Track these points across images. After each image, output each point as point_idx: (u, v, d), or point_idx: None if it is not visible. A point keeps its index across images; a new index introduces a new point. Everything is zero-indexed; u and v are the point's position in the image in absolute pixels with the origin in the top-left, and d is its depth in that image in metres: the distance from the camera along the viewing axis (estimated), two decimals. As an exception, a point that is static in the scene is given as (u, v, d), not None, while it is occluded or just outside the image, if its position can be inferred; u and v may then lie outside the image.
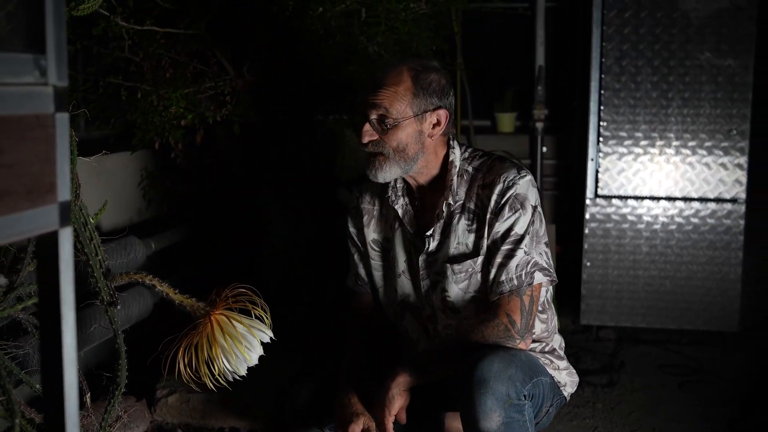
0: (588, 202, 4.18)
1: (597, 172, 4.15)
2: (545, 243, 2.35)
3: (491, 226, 2.31)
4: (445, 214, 2.37)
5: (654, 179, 4.11)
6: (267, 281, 3.29)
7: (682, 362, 3.93)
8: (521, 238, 2.28)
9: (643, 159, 4.11)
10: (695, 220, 4.10)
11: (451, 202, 2.36)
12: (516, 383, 2.09)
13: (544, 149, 4.93)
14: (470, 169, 2.39)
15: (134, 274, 2.11)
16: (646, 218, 4.14)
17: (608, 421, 3.21)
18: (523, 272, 2.27)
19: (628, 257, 4.18)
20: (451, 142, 2.42)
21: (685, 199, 4.10)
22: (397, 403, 2.22)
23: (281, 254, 3.33)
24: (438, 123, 2.35)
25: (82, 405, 2.08)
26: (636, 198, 4.14)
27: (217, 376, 2.05)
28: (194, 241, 3.49)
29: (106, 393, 2.72)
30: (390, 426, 2.23)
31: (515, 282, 2.26)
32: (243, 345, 2.05)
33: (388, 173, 2.34)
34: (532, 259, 2.28)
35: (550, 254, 2.37)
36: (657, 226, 4.14)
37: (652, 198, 4.12)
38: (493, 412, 2.04)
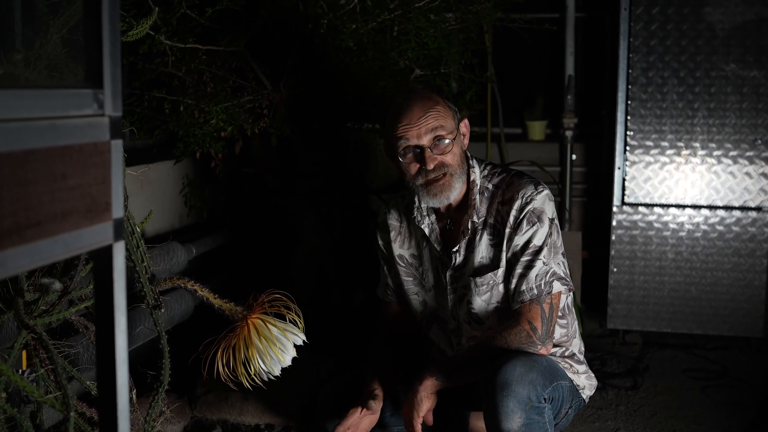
0: (615, 209, 4.28)
1: (624, 180, 4.25)
2: (562, 253, 2.47)
3: (510, 240, 2.43)
4: (470, 230, 2.50)
5: (680, 187, 4.20)
6: (298, 286, 3.44)
7: (707, 366, 4.02)
8: (540, 249, 2.41)
9: (669, 168, 4.20)
10: (720, 228, 4.18)
11: (476, 220, 2.48)
12: (537, 387, 2.21)
13: (574, 157, 5.03)
14: (490, 186, 2.51)
15: (177, 279, 2.25)
16: (671, 225, 4.23)
17: (630, 423, 3.31)
18: (543, 282, 2.39)
19: (654, 263, 4.28)
20: (470, 161, 2.54)
21: (710, 207, 4.18)
22: (425, 405, 2.35)
23: (312, 260, 3.47)
24: (466, 133, 2.50)
25: (128, 401, 2.24)
26: (662, 206, 4.23)
27: (252, 376, 2.20)
28: (231, 246, 3.64)
29: (150, 389, 2.88)
30: (419, 427, 2.35)
31: (535, 291, 2.38)
32: (277, 347, 2.19)
33: (456, 189, 2.44)
34: (551, 269, 2.41)
35: (566, 264, 2.49)
36: (683, 234, 4.22)
37: (678, 206, 4.21)
38: (515, 414, 2.17)
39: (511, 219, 2.42)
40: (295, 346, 2.26)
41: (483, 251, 2.48)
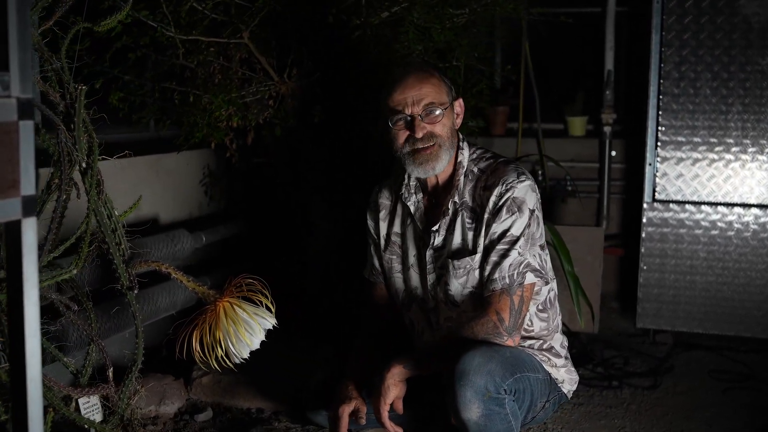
0: (645, 206, 4.20)
1: (654, 176, 4.17)
2: (540, 246, 2.46)
3: (489, 226, 2.43)
4: (450, 211, 2.52)
5: (712, 185, 4.10)
6: (311, 278, 3.48)
7: (734, 369, 3.91)
8: (517, 239, 2.40)
9: (701, 164, 4.10)
10: (754, 227, 4.07)
11: (457, 201, 2.50)
12: (495, 377, 2.21)
13: (613, 153, 4.96)
14: (476, 169, 2.52)
15: (152, 262, 2.33)
16: (703, 224, 4.14)
17: (637, 423, 3.25)
18: (516, 272, 2.39)
19: (685, 262, 4.19)
20: (461, 144, 2.56)
21: (743, 205, 4.07)
22: (392, 392, 2.37)
23: (319, 258, 3.50)
24: (459, 113, 2.53)
25: (105, 379, 2.32)
26: (694, 203, 4.13)
27: (222, 357, 2.25)
28: (246, 236, 3.70)
29: (158, 371, 2.97)
30: (386, 414, 2.37)
31: (507, 280, 2.38)
32: (244, 330, 2.24)
33: (443, 161, 2.49)
34: (525, 260, 2.40)
35: (544, 257, 2.47)
36: (715, 232, 4.12)
37: (710, 203, 4.11)
38: (472, 404, 2.17)
39: (491, 204, 2.43)
40: (272, 331, 2.30)
41: (462, 234, 2.50)
